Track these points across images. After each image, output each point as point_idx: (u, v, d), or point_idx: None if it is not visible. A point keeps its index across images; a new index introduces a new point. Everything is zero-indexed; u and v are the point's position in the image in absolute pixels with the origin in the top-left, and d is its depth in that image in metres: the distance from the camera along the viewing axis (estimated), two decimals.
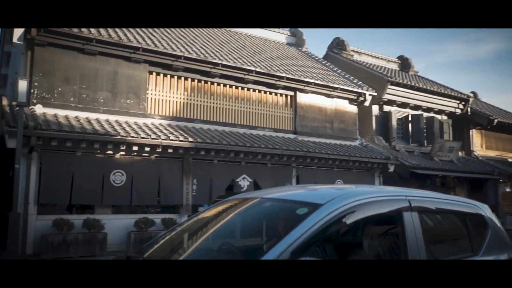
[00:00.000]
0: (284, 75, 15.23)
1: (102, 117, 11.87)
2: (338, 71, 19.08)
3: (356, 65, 21.32)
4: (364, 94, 17.51)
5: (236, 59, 14.78)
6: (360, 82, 18.17)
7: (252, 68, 14.48)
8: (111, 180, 10.99)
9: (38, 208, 10.24)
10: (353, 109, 17.85)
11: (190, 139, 11.89)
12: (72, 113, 11.42)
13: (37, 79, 11.18)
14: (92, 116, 11.71)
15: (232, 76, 14.37)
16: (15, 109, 10.14)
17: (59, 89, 11.46)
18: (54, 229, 9.94)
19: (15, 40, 10.77)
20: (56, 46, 11.42)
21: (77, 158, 10.66)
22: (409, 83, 20.24)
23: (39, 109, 10.98)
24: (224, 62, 13.88)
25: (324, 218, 2.29)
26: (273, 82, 15.23)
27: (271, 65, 15.93)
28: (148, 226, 11.10)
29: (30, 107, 10.85)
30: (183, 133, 12.28)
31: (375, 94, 17.99)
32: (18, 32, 10.74)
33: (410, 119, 21.30)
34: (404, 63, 25.21)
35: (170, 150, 11.71)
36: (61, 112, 11.26)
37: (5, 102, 10.89)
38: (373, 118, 20.37)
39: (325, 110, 16.90)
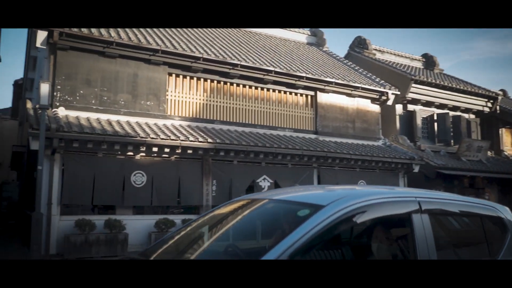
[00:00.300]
0: (304, 74, 15.10)
1: (123, 118, 12.01)
2: (360, 70, 18.80)
3: (378, 64, 20.95)
4: (387, 93, 17.20)
5: (255, 60, 14.74)
6: (382, 81, 17.86)
7: (271, 68, 14.41)
8: (132, 181, 11.10)
9: (61, 208, 10.43)
10: (376, 108, 17.55)
11: (209, 140, 11.91)
12: (93, 115, 11.60)
13: (60, 82, 11.41)
14: (113, 118, 11.86)
15: (251, 76, 14.34)
16: (39, 112, 10.37)
17: (81, 91, 11.67)
18: (76, 230, 10.10)
19: (38, 44, 11.00)
20: (78, 50, 11.63)
21: (98, 159, 10.81)
22: (433, 81, 19.77)
23: (61, 111, 11.20)
24: (243, 63, 13.86)
25: (325, 220, 2.20)
26: (293, 82, 15.12)
27: (291, 65, 15.82)
28: (169, 227, 11.15)
29: (53, 110, 11.08)
30: (202, 134, 12.31)
31: (398, 93, 17.64)
32: (41, 37, 10.96)
33: (435, 118, 20.79)
34: (429, 61, 24.64)
35: (189, 151, 11.75)
36: (83, 114, 11.45)
37: (29, 105, 11.16)
38: (397, 117, 19.98)
39: (346, 110, 16.67)
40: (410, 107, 20.08)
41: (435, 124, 20.76)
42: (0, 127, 24.26)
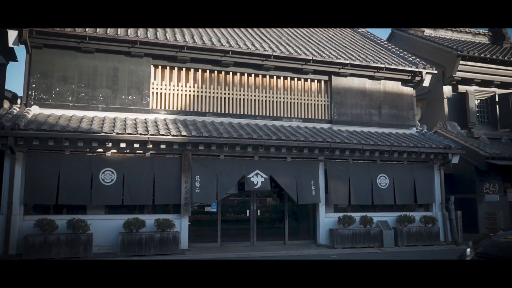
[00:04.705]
0: (310, 57, 13.49)
1: (101, 115, 11.60)
2: (393, 50, 16.54)
3: (421, 41, 18.35)
4: (420, 72, 14.80)
5: (254, 45, 13.49)
6: (417, 60, 15.45)
7: (269, 52, 13.06)
8: (101, 179, 10.60)
9: (25, 208, 10.26)
10: (409, 91, 15.22)
11: (184, 133, 10.98)
12: (69, 113, 11.34)
13: (34, 81, 11.32)
14: (90, 114, 11.50)
15: (248, 63, 13.15)
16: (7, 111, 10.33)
17: (57, 89, 11.48)
18: (38, 230, 9.82)
19: (10, 44, 10.99)
20: (53, 47, 11.47)
21: (63, 157, 10.46)
22: (488, 56, 16.70)
23: (35, 110, 11.09)
24: (235, 49, 12.71)
25: None
26: (299, 66, 13.59)
27: (301, 48, 14.29)
28: (138, 228, 10.46)
29: (26, 108, 11.00)
30: (181, 127, 11.41)
31: (435, 72, 15.12)
32: (12, 36, 10.92)
33: (497, 100, 17.65)
34: (497, 35, 21.12)
35: (163, 146, 10.94)
36: (58, 112, 11.25)
37: (6, 105, 11.22)
38: (445, 101, 17.31)
39: (369, 95, 14.65)
40: (462, 88, 17.28)
41: (497, 106, 17.62)
42: None
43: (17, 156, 10.12)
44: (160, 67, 12.57)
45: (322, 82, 14.25)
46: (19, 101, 11.41)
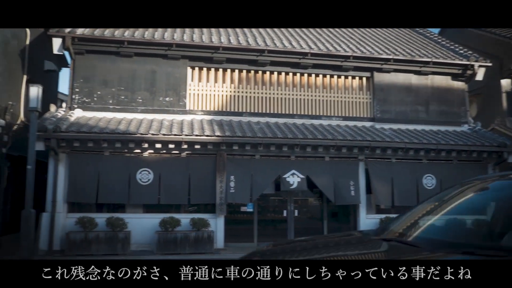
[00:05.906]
0: (350, 54, 13.05)
1: (139, 116, 11.93)
2: (442, 42, 15.62)
3: (477, 32, 17.17)
4: (472, 66, 13.84)
5: (291, 43, 13.27)
6: (469, 52, 14.46)
7: (306, 50, 12.79)
8: (138, 178, 10.89)
9: (69, 206, 10.76)
10: (460, 86, 14.29)
11: (218, 133, 11.01)
12: (109, 115, 11.76)
13: (78, 85, 11.86)
14: (129, 116, 11.86)
15: (285, 62, 12.95)
16: (53, 115, 10.92)
17: (98, 92, 11.95)
18: (79, 227, 10.27)
19: (55, 51, 11.58)
20: (94, 53, 11.95)
21: (102, 157, 10.87)
22: None
23: (78, 113, 11.61)
24: (271, 48, 12.58)
25: None
26: (338, 63, 13.19)
27: (340, 45, 13.87)
28: (174, 226, 10.62)
29: (70, 112, 11.56)
30: (217, 128, 11.46)
31: (489, 64, 14.06)
32: (57, 43, 11.50)
33: None
34: None
35: (197, 146, 11.05)
36: (99, 115, 11.70)
37: (53, 109, 11.85)
38: (503, 95, 16.10)
39: (415, 91, 13.92)
40: None
41: None
42: None
43: (60, 157, 10.66)
44: (196, 68, 12.72)
45: (364, 78, 13.74)
46: (64, 104, 11.98)
